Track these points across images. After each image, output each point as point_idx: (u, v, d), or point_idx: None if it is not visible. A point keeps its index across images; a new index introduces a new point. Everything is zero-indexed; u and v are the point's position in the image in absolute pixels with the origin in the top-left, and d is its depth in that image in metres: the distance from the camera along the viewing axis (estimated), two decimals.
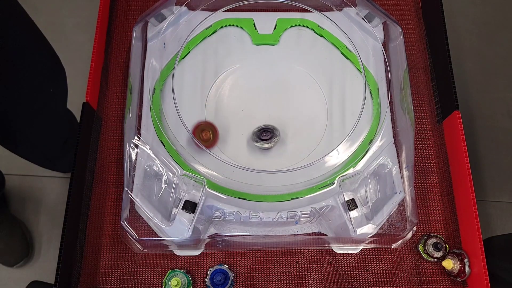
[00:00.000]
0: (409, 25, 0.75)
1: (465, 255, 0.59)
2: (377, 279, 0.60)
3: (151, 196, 0.56)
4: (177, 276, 0.58)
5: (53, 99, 0.85)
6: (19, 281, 1.12)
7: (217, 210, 0.55)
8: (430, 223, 0.63)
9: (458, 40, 1.42)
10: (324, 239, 0.60)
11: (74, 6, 1.41)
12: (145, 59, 0.62)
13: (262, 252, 0.61)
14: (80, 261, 0.58)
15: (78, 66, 1.02)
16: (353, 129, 0.57)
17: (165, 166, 0.56)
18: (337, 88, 0.63)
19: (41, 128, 0.88)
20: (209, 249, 0.60)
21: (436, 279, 0.60)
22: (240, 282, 0.60)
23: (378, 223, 0.55)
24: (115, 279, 0.59)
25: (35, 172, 1.21)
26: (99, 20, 0.66)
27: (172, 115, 0.58)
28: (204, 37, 0.64)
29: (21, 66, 0.71)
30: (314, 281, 0.60)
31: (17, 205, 1.19)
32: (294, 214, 0.54)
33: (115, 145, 0.66)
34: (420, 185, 0.65)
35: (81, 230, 0.59)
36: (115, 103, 0.68)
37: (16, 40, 0.68)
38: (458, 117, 0.62)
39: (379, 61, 0.63)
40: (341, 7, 0.65)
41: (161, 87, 0.61)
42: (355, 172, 0.56)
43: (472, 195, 0.58)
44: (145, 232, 0.57)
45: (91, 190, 0.62)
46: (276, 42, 0.65)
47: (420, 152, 0.67)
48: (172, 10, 0.64)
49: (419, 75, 0.71)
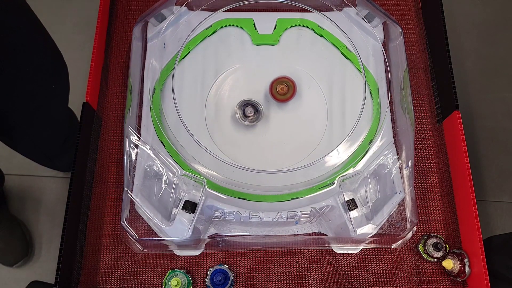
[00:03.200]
0: (409, 25, 0.75)
1: (465, 255, 0.59)
2: (377, 279, 0.60)
3: (151, 196, 0.56)
4: (177, 276, 0.58)
5: (54, 96, 0.84)
6: (19, 281, 1.12)
7: (217, 210, 0.55)
8: (430, 223, 0.63)
9: (458, 40, 1.42)
10: (324, 239, 0.60)
11: (74, 6, 1.41)
12: (145, 59, 0.62)
13: (262, 252, 0.61)
14: (80, 261, 0.58)
15: (78, 66, 1.02)
16: (353, 129, 0.57)
17: (165, 166, 0.56)
18: (337, 88, 0.63)
19: (41, 125, 0.87)
20: (209, 249, 0.60)
21: (436, 279, 0.60)
22: (240, 282, 0.60)
23: (378, 223, 0.55)
24: (115, 279, 0.59)
25: (35, 172, 1.21)
26: (99, 20, 0.66)
27: (172, 115, 0.58)
28: (204, 37, 0.64)
29: (22, 60, 0.71)
30: (314, 281, 0.60)
31: (17, 204, 1.19)
32: (294, 214, 0.54)
33: (115, 145, 0.66)
34: (420, 185, 0.65)
35: (81, 230, 0.59)
36: (115, 103, 0.68)
37: (17, 33, 0.68)
38: (458, 117, 0.62)
39: (379, 61, 0.63)
40: (341, 7, 0.65)
41: (161, 87, 0.61)
42: (355, 172, 0.56)
43: (472, 195, 0.58)
44: (145, 232, 0.57)
45: (91, 190, 0.62)
46: (276, 42, 0.65)
47: (420, 152, 0.67)
48: (172, 10, 0.64)
49: (419, 75, 0.71)
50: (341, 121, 0.61)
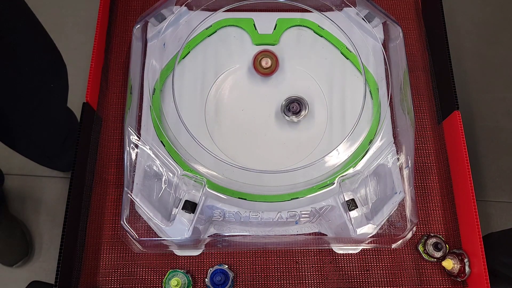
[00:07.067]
0: (409, 25, 0.75)
1: (465, 255, 0.59)
2: (377, 279, 0.60)
3: (151, 196, 0.56)
4: (177, 276, 0.58)
5: (54, 95, 0.85)
6: (19, 281, 1.12)
7: (217, 210, 0.55)
8: (430, 223, 0.63)
9: (458, 40, 1.42)
10: (324, 239, 0.60)
11: (74, 6, 1.41)
12: (145, 59, 0.62)
13: (262, 252, 0.61)
14: (80, 261, 0.58)
15: (78, 66, 1.02)
16: (353, 129, 0.57)
17: (165, 166, 0.56)
18: (337, 88, 0.63)
19: (40, 124, 0.87)
20: (209, 249, 0.60)
21: (436, 279, 0.60)
22: (240, 282, 0.60)
23: (378, 223, 0.55)
24: (115, 279, 0.59)
25: (35, 172, 1.21)
26: (99, 20, 0.66)
27: (172, 115, 0.58)
28: (204, 37, 0.64)
29: (21, 60, 0.71)
30: (314, 281, 0.60)
31: (17, 205, 1.19)
32: (294, 214, 0.54)
33: (115, 145, 0.66)
34: (420, 185, 0.65)
35: (81, 230, 0.59)
36: (115, 103, 0.68)
37: (16, 33, 0.68)
38: (458, 117, 0.62)
39: (379, 61, 0.63)
40: (341, 7, 0.65)
41: (161, 87, 0.61)
42: (355, 172, 0.56)
43: (472, 195, 0.58)
44: (145, 232, 0.57)
45: (91, 190, 0.62)
46: (276, 42, 0.65)
47: (420, 152, 0.67)
48: (172, 10, 0.64)
49: (419, 75, 0.71)
50: (341, 121, 0.61)
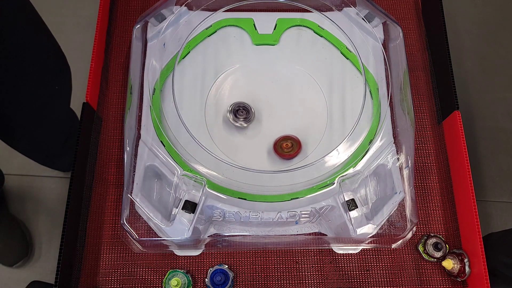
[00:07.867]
0: (409, 25, 0.75)
1: (465, 255, 0.59)
2: (377, 279, 0.60)
3: (151, 196, 0.56)
4: (177, 276, 0.58)
5: (58, 96, 0.85)
6: (19, 281, 1.12)
7: (217, 210, 0.55)
8: (430, 223, 0.63)
9: (458, 40, 1.42)
10: (324, 239, 0.60)
11: (74, 6, 1.41)
12: (145, 59, 0.62)
13: (262, 252, 0.61)
14: (80, 261, 0.58)
15: (78, 66, 1.02)
16: (353, 129, 0.57)
17: (165, 166, 0.56)
18: (337, 88, 0.63)
19: (43, 125, 0.87)
20: (209, 249, 0.60)
21: (436, 279, 0.60)
22: (240, 282, 0.60)
23: (378, 223, 0.55)
24: (115, 279, 0.59)
25: (35, 171, 1.21)
26: (99, 20, 0.66)
27: (172, 115, 0.58)
28: (204, 37, 0.64)
29: (26, 60, 0.71)
30: (314, 281, 0.60)
31: (17, 204, 1.19)
32: (294, 214, 0.54)
33: (115, 145, 0.66)
34: (420, 185, 0.65)
35: (81, 230, 0.59)
36: (115, 103, 0.68)
37: (22, 33, 0.68)
38: (458, 117, 0.62)
39: (379, 61, 0.63)
40: (341, 7, 0.65)
41: (161, 87, 0.61)
42: (355, 172, 0.56)
43: (472, 195, 0.58)
44: (145, 232, 0.57)
45: (91, 190, 0.62)
46: (276, 42, 0.65)
47: (420, 152, 0.67)
48: (172, 10, 0.64)
49: (419, 75, 0.71)
50: (341, 121, 0.61)
